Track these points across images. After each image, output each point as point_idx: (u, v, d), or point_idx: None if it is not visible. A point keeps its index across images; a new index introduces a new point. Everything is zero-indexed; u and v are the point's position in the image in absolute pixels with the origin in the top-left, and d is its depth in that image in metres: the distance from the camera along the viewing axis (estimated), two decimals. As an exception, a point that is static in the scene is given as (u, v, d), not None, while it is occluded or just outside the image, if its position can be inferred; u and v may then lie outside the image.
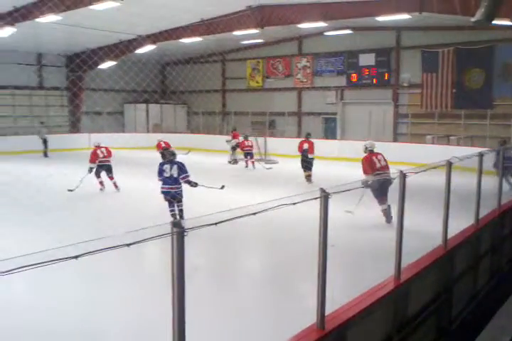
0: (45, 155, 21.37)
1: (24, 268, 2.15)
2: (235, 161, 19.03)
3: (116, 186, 12.74)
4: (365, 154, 9.36)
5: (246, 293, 6.04)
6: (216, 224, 2.90)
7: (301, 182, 13.96)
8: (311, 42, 24.54)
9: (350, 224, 8.58)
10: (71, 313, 5.16)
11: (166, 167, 8.96)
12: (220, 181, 9.72)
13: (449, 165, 5.88)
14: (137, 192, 11.92)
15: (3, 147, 20.60)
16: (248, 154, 18.13)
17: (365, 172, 9.11)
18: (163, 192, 8.98)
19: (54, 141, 22.26)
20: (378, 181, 8.66)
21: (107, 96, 26.40)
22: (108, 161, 12.85)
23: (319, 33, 21.87)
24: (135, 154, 19.99)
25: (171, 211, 9.03)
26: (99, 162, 12.70)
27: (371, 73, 22.83)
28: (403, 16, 15.89)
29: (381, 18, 16.47)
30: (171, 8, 16.58)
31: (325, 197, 3.74)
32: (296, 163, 15.13)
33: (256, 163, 17.92)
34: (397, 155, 18.25)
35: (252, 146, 18.27)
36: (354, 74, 23.37)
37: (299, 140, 16.22)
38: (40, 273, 2.35)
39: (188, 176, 9.03)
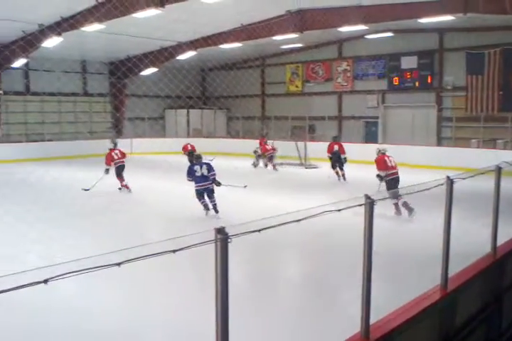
0: None
1: (70, 275, 2.18)
2: (255, 165, 19.17)
3: (127, 187, 13.29)
4: (378, 155, 10.81)
5: (287, 301, 5.97)
6: (260, 231, 2.88)
7: (340, 183, 13.77)
8: (352, 46, 24.29)
9: (392, 229, 8.40)
10: (113, 316, 5.23)
11: (197, 167, 10.03)
12: (262, 186, 9.73)
13: (498, 170, 5.67)
14: (176, 196, 12.04)
15: (50, 152, 21.23)
16: (271, 157, 18.56)
17: (380, 168, 10.48)
18: (197, 190, 9.96)
19: (98, 146, 22.80)
20: (392, 180, 10.15)
21: (148, 102, 26.93)
22: (123, 162, 13.44)
23: (360, 36, 21.64)
24: (175, 159, 20.21)
25: (202, 202, 10.00)
26: (115, 163, 13.27)
27: (413, 76, 22.38)
28: (447, 18, 15.51)
29: (424, 20, 16.13)
30: (212, 14, 16.75)
31: (370, 203, 3.65)
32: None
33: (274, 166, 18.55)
34: (441, 159, 17.89)
35: (273, 149, 18.60)
36: (396, 78, 22.97)
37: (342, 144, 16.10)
38: (84, 276, 2.37)
39: (215, 174, 10.12)
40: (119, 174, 13.34)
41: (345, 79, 25.02)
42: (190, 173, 10.05)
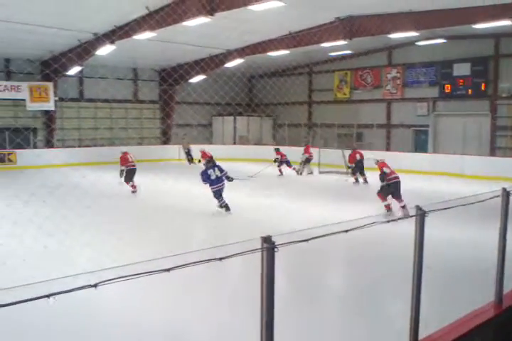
0: (190, 162, 23.31)
1: (119, 280, 2.21)
2: (300, 172, 19.10)
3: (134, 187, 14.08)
4: (379, 162, 11.58)
5: (331, 312, 5.86)
6: (307, 240, 2.83)
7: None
8: (402, 53, 23.89)
9: (442, 241, 8.13)
10: (158, 320, 5.28)
11: (211, 172, 11.09)
12: (306, 195, 9.64)
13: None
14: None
15: (102, 157, 21.86)
16: (286, 162, 19.37)
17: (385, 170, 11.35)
18: (216, 192, 11.04)
19: (147, 152, 23.38)
20: (394, 184, 11.01)
21: (196, 109, 27.37)
22: (135, 166, 14.31)
23: (410, 42, 21.25)
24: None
25: (222, 202, 11.05)
26: (128, 166, 14.15)
27: (466, 83, 21.73)
28: (504, 23, 14.97)
29: (479, 26, 15.63)
30: (260, 22, 16.85)
31: (421, 215, 3.54)
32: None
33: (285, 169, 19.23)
34: (496, 170, 17.23)
35: (285, 155, 19.51)
36: (448, 85, 22.37)
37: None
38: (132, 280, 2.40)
39: (227, 172, 11.30)
40: (130, 177, 14.09)
41: (394, 86, 24.60)
42: (206, 177, 11.02)
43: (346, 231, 3.30)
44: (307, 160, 19.26)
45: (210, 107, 28.71)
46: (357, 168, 16.60)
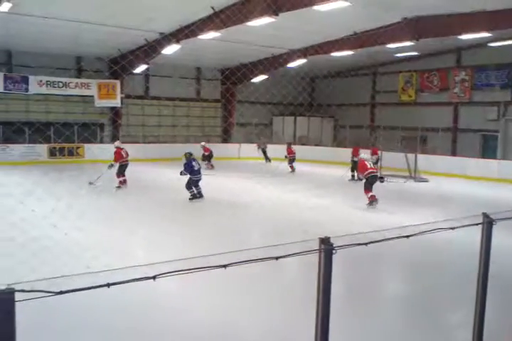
0: (267, 161, 23.66)
1: (177, 273, 2.22)
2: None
3: (125, 181, 14.46)
4: (361, 160, 13.07)
5: (387, 319, 5.69)
6: (367, 244, 2.76)
7: (451, 199, 12.99)
8: (472, 54, 22.91)
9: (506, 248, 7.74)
10: (210, 316, 5.32)
11: (194, 163, 12.84)
12: (366, 199, 9.38)
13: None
14: (274, 202, 12.10)
15: (164, 154, 22.43)
16: (292, 160, 20.29)
17: (360, 172, 12.79)
18: (194, 180, 12.55)
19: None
20: (371, 177, 12.33)
21: (256, 109, 27.53)
22: (127, 161, 14.76)
23: (482, 43, 20.36)
24: (277, 165, 20.39)
25: (191, 191, 12.48)
26: (122, 162, 14.50)
27: (541, 87, 20.59)
28: None
29: (558, 26, 14.76)
30: (325, 22, 16.69)
31: (488, 223, 3.36)
32: (451, 183, 14.16)
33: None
34: None
35: (295, 153, 20.45)
36: (521, 89, 21.28)
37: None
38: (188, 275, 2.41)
39: (200, 167, 13.15)
40: (122, 172, 14.43)
41: (462, 89, 23.67)
42: (190, 168, 12.60)
43: (408, 236, 3.19)
44: (376, 162, 18.72)
45: (271, 107, 28.80)
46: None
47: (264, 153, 23.92)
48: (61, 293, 2.02)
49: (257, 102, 27.33)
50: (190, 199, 12.43)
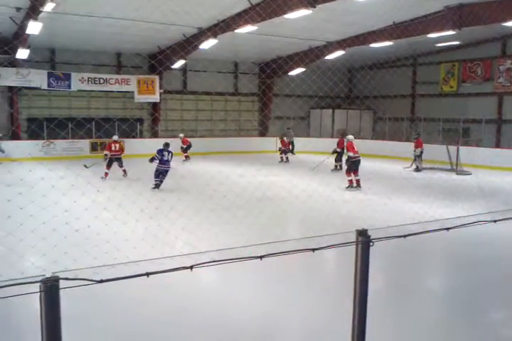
0: (292, 153, 23.94)
1: (213, 263, 2.26)
2: (417, 169, 18.12)
3: (125, 173, 15.60)
4: (347, 142, 14.32)
5: (427, 315, 5.59)
6: (405, 236, 2.72)
7: (491, 192, 12.60)
8: (517, 42, 22.10)
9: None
10: (247, 308, 5.36)
11: (165, 153, 13.29)
12: (407, 190, 9.25)
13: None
14: (310, 194, 12.03)
15: (203, 148, 22.63)
16: (284, 151, 21.18)
17: (349, 150, 14.02)
18: (158, 170, 13.16)
19: (245, 143, 23.89)
20: (355, 162, 13.73)
21: (294, 102, 27.36)
22: (118, 155, 15.59)
23: (528, 31, 19.60)
24: (315, 158, 20.24)
25: (156, 181, 13.14)
26: (111, 155, 15.40)
27: None
28: None
29: None
30: (363, 13, 16.41)
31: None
32: (495, 176, 13.71)
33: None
34: None
35: (288, 143, 21.58)
36: None
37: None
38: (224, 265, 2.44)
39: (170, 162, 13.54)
40: (110, 164, 15.35)
41: (508, 78, 22.85)
42: (160, 155, 13.19)
43: (448, 229, 3.12)
44: (421, 154, 18.35)
45: (308, 99, 28.59)
46: (339, 155, 17.59)
47: (292, 144, 24.04)
48: (102, 281, 2.09)
49: (294, 95, 27.19)
50: (152, 188, 13.05)
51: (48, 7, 13.47)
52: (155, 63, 22.22)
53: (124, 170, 15.63)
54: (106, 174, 15.18)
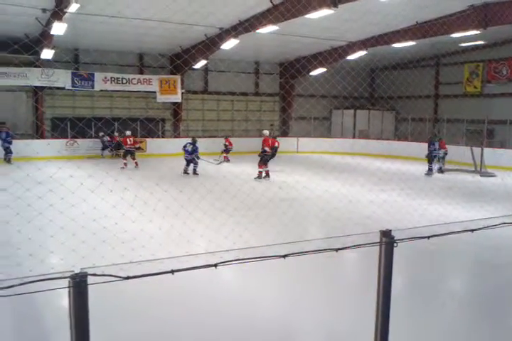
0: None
1: (237, 262, 2.28)
2: (440, 171, 17.87)
3: (137, 164, 17.57)
4: (264, 137, 15.72)
5: (449, 318, 5.53)
6: (429, 237, 2.70)
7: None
8: (544, 42, 21.66)
9: None
10: (269, 308, 5.37)
11: (187, 144, 16.13)
12: (430, 192, 9.17)
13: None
14: (333, 195, 11.99)
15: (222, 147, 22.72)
16: (227, 151, 21.16)
17: (266, 146, 15.22)
18: (185, 159, 16.05)
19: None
20: (270, 155, 15.27)
21: (315, 102, 27.27)
22: (133, 148, 17.72)
23: (555, 30, 19.18)
24: (336, 159, 20.19)
25: (185, 167, 16.07)
26: (127, 147, 17.62)
27: None
28: None
29: None
30: (385, 13, 16.26)
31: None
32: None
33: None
34: None
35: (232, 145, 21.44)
36: None
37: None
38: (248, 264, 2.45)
39: (197, 154, 16.11)
40: (126, 155, 17.69)
41: (533, 79, 22.44)
42: (184, 146, 16.14)
43: (472, 230, 3.09)
44: (444, 156, 18.14)
45: (329, 100, 28.47)
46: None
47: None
48: (128, 278, 2.12)
49: (316, 96, 27.10)
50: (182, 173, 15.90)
51: (73, 8, 13.68)
52: (180, 63, 22.37)
53: (136, 163, 17.53)
54: (125, 164, 17.16)
